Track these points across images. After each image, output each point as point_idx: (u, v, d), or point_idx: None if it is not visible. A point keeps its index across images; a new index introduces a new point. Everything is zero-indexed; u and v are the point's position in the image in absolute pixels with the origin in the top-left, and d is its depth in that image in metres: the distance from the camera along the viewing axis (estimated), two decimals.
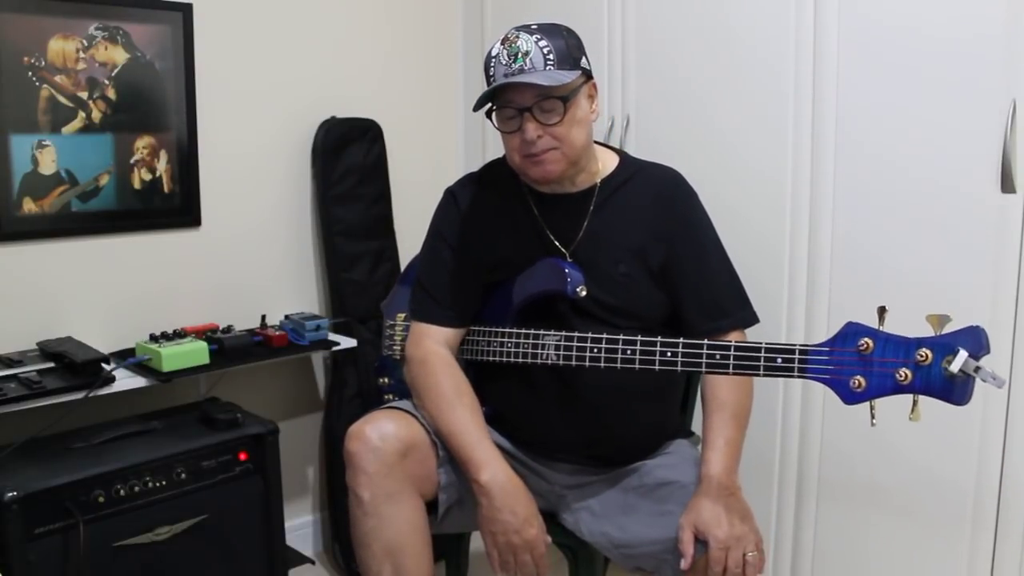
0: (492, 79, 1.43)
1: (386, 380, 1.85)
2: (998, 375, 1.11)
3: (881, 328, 1.20)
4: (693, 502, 1.36)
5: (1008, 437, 1.57)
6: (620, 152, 1.62)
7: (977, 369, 1.11)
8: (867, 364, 1.19)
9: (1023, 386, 1.55)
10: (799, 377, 1.24)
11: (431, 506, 1.51)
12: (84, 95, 1.97)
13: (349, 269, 2.36)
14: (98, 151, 2.01)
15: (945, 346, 1.14)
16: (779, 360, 1.25)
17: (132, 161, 2.07)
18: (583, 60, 1.46)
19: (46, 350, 1.90)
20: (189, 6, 2.09)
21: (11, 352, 1.90)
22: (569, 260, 1.52)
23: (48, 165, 1.94)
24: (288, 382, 2.42)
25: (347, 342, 2.24)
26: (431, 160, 2.61)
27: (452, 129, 2.67)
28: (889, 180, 1.68)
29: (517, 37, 1.42)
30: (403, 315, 1.79)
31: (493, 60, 1.43)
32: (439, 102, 2.63)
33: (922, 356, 1.15)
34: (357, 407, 2.32)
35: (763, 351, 1.26)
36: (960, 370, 1.11)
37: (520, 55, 1.40)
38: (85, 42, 1.96)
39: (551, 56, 1.41)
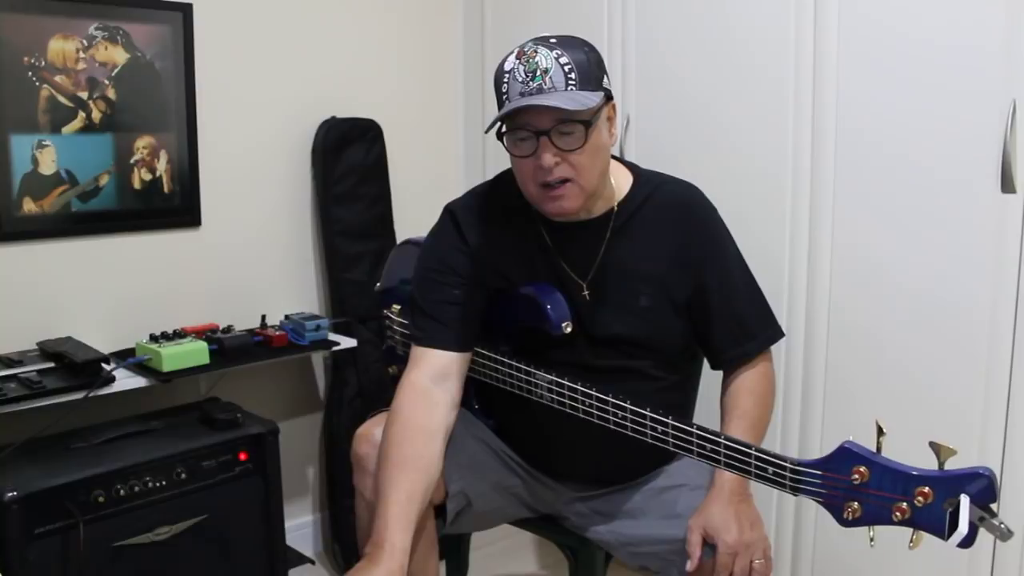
0: (506, 97, 1.30)
1: (394, 368, 1.83)
2: (1005, 526, 1.02)
3: (879, 448, 1.11)
4: (704, 505, 1.34)
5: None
6: (633, 167, 1.50)
7: (982, 519, 1.02)
8: (862, 494, 1.11)
9: (1022, 394, 1.55)
10: (791, 494, 1.17)
11: (438, 509, 1.49)
12: (84, 95, 1.97)
13: (349, 269, 2.36)
14: (98, 151, 2.01)
15: (948, 489, 1.04)
16: (770, 471, 1.18)
17: (132, 161, 2.07)
18: (604, 79, 1.33)
19: (46, 350, 1.90)
20: (189, 6, 2.09)
21: (11, 352, 1.90)
22: (586, 292, 1.43)
23: (48, 165, 1.94)
24: (288, 382, 2.42)
25: (347, 342, 2.24)
26: (431, 160, 2.61)
27: (452, 129, 2.67)
28: (889, 180, 1.68)
29: (535, 52, 1.28)
30: (398, 307, 1.77)
31: (507, 76, 1.29)
32: (439, 102, 2.63)
33: (922, 497, 1.06)
34: (357, 407, 2.32)
35: (754, 458, 1.19)
36: (966, 533, 1.02)
37: (539, 72, 1.26)
38: (85, 42, 1.96)
39: (573, 75, 1.27)
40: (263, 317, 2.22)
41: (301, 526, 2.44)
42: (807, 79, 1.78)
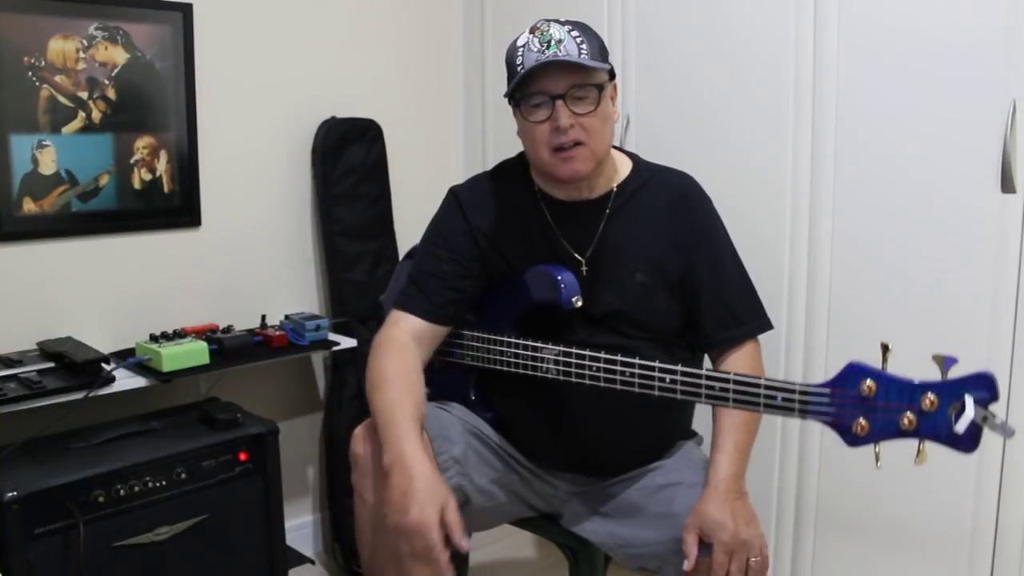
0: (520, 67, 1.39)
1: None
2: (1008, 424, 1.07)
3: (884, 367, 1.14)
4: (699, 504, 1.35)
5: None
6: (633, 156, 1.59)
7: (985, 418, 1.07)
8: (870, 408, 1.14)
9: (1022, 393, 1.55)
10: (800, 417, 1.20)
11: None
12: (84, 95, 1.97)
13: (349, 269, 2.36)
14: (98, 151, 2.01)
15: (952, 392, 1.09)
16: (779, 399, 1.21)
17: (132, 161, 2.07)
18: (609, 59, 1.45)
19: (46, 350, 1.90)
20: (189, 6, 2.09)
21: (11, 352, 1.90)
22: (585, 267, 1.49)
23: (48, 165, 1.94)
24: (288, 382, 2.42)
25: (347, 342, 2.24)
26: (431, 160, 2.61)
27: (452, 129, 2.67)
28: (889, 180, 1.68)
29: (548, 26, 1.39)
30: None
31: (521, 49, 1.40)
32: (439, 102, 2.63)
33: (928, 402, 1.10)
34: (357, 407, 2.32)
35: (762, 387, 1.23)
36: (971, 420, 1.06)
37: (553, 42, 1.37)
38: (85, 42, 1.96)
39: (584, 46, 1.39)
40: (263, 317, 2.22)
41: (301, 526, 2.44)
42: (807, 79, 1.78)
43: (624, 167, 1.54)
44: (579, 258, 1.50)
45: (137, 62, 2.04)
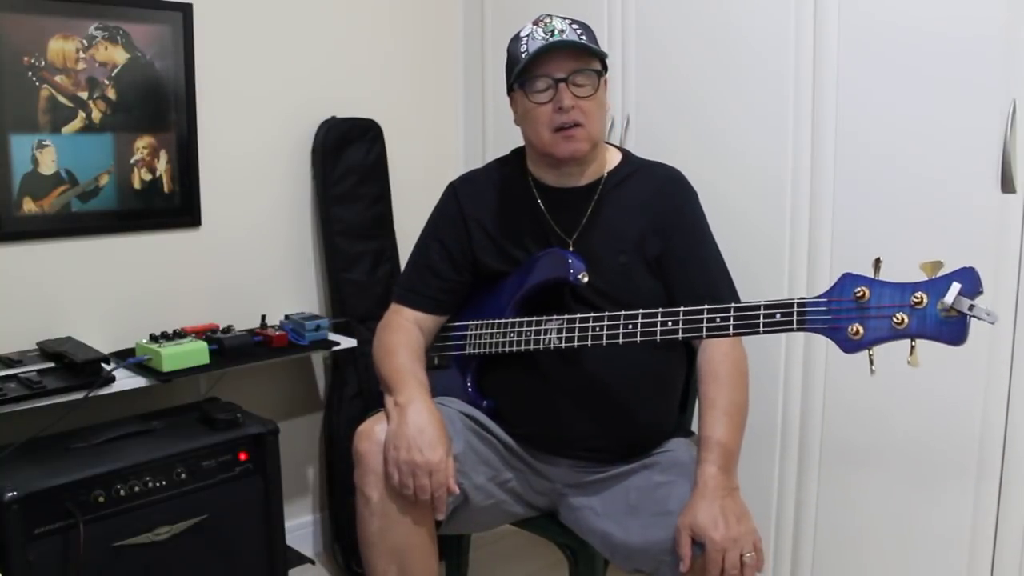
0: (525, 53, 1.48)
1: None
2: (992, 311, 1.11)
3: (877, 277, 1.20)
4: (690, 503, 1.35)
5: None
6: (623, 150, 1.66)
7: (971, 307, 1.12)
8: (864, 312, 1.19)
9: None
10: (798, 330, 1.25)
11: None
12: (84, 95, 1.97)
13: (349, 269, 2.36)
14: (98, 151, 2.01)
15: (939, 288, 1.15)
16: (778, 315, 1.26)
17: (132, 161, 2.07)
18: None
19: (46, 350, 1.90)
20: (189, 6, 2.09)
21: (11, 352, 1.90)
22: (572, 249, 1.56)
23: (48, 165, 1.94)
24: (288, 382, 2.42)
25: (347, 342, 2.24)
26: (431, 160, 2.61)
27: (452, 129, 2.67)
28: (889, 180, 1.68)
29: (550, 18, 1.50)
30: None
31: (525, 38, 1.49)
32: (439, 102, 2.63)
33: (917, 299, 1.16)
34: (357, 407, 2.32)
35: (762, 308, 1.27)
36: (953, 306, 1.12)
37: (556, 31, 1.48)
38: (85, 42, 1.96)
39: (584, 37, 1.49)
40: (263, 317, 2.22)
41: (301, 526, 2.44)
42: (807, 79, 1.78)
43: (614, 158, 1.63)
44: (566, 240, 1.57)
45: (137, 62, 2.04)
